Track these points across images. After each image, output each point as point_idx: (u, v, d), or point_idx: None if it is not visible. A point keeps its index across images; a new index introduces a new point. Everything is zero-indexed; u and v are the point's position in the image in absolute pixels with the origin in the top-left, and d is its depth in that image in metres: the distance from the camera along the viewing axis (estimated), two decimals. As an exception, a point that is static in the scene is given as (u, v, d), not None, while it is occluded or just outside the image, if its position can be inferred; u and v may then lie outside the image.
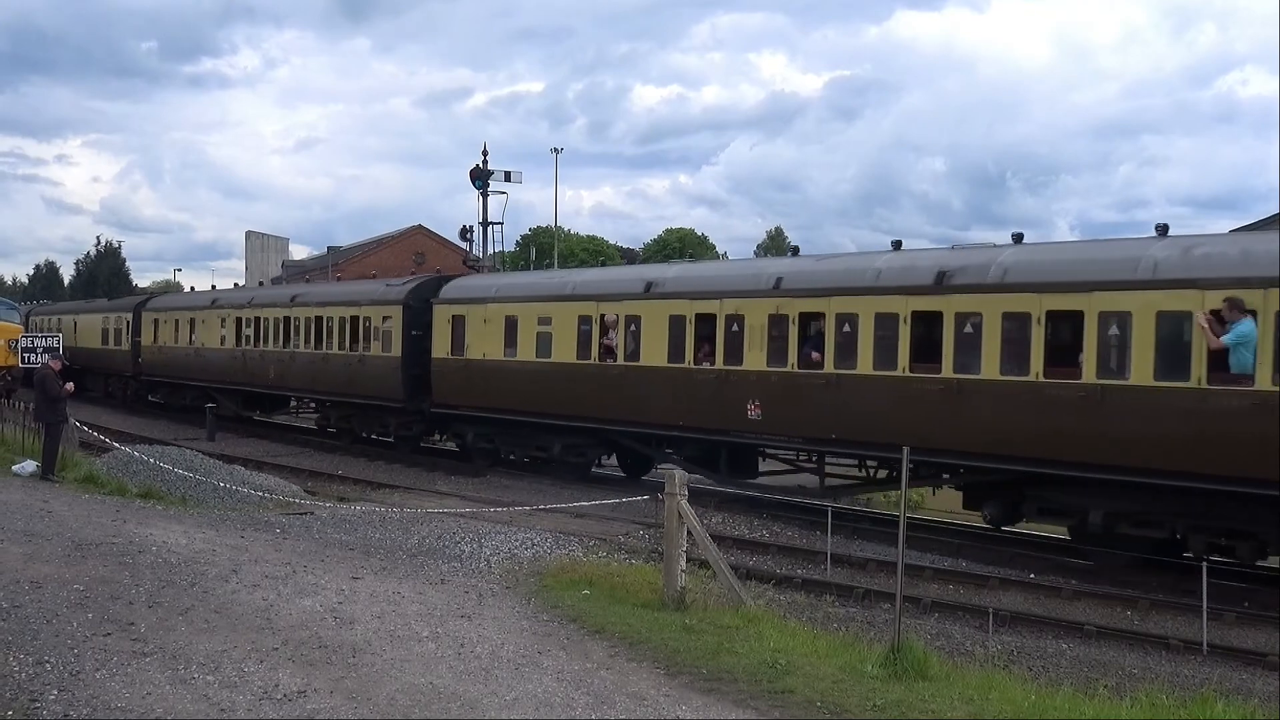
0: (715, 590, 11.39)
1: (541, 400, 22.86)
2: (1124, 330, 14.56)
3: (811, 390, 18.11)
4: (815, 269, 19.17)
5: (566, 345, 22.38)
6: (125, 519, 14.18)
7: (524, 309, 23.61)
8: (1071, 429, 14.96)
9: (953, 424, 16.23)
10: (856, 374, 17.44)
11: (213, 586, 10.36)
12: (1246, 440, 13.32)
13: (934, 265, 16.97)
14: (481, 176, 38.53)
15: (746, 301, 19.15)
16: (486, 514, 17.29)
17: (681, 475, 10.84)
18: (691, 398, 19.95)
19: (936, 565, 16.09)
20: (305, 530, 14.80)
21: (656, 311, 20.71)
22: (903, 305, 16.91)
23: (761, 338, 18.89)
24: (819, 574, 15.59)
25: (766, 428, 18.93)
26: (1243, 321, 13.50)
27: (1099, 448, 14.72)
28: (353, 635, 8.84)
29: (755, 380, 18.89)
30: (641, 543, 16.31)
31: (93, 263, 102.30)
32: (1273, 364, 13.24)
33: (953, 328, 16.30)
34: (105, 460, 20.28)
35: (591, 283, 23.19)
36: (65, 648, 8.09)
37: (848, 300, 17.67)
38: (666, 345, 20.44)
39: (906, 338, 16.83)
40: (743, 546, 17.11)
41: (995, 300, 15.85)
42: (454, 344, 25.04)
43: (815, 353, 18.18)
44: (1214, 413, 13.73)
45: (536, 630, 9.40)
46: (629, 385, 21.15)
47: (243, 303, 34.21)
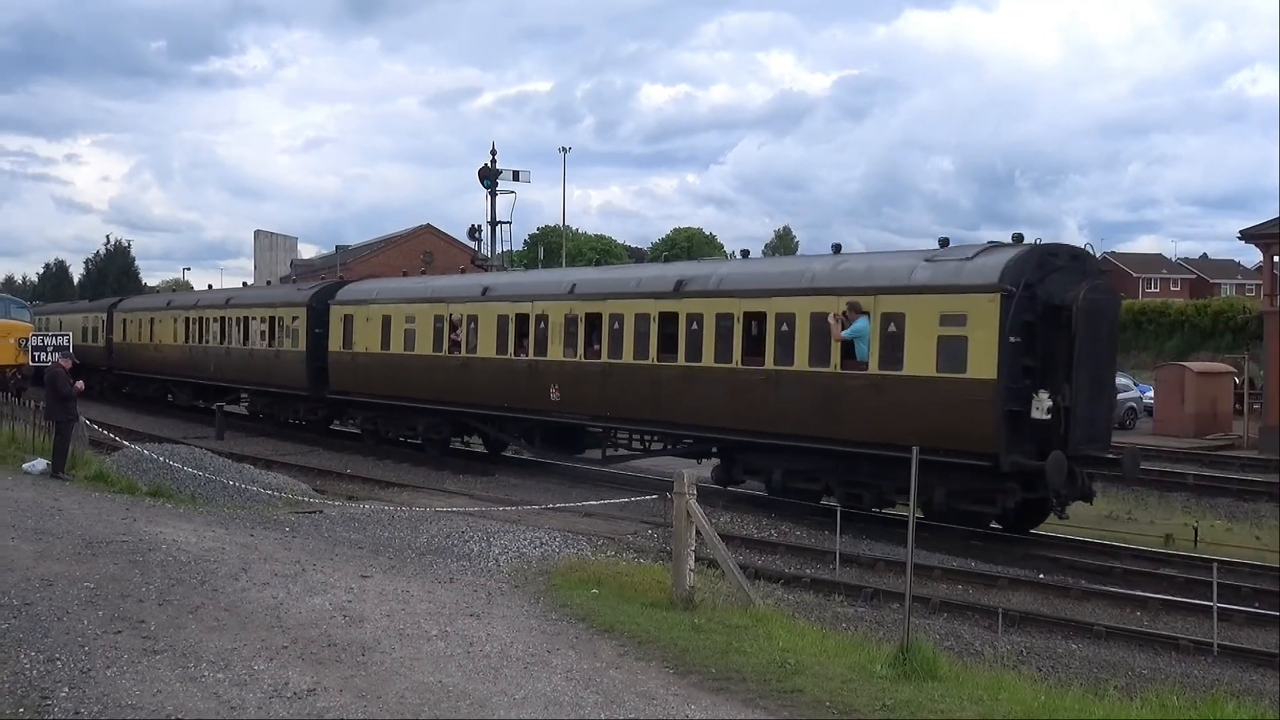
0: (724, 589, 11.39)
1: (409, 387, 26.77)
2: (791, 327, 18.33)
3: (593, 376, 21.86)
4: (598, 278, 23.80)
5: (426, 340, 26.25)
6: (135, 517, 14.23)
7: (395, 309, 27.54)
8: (760, 406, 18.76)
9: (686, 403, 20.00)
10: (621, 363, 21.23)
11: (222, 585, 10.40)
12: (864, 412, 17.20)
13: (676, 276, 21.03)
14: (490, 176, 38.59)
15: (550, 304, 23.02)
16: (495, 513, 17.31)
17: (690, 475, 10.84)
18: (512, 384, 23.70)
19: (945, 565, 16.06)
20: (314, 529, 14.84)
21: (489, 312, 24.57)
22: (653, 307, 20.70)
23: (560, 334, 22.68)
24: (828, 573, 15.57)
25: (564, 407, 22.57)
26: (859, 320, 17.27)
27: (777, 420, 18.53)
28: (362, 634, 8.86)
29: (555, 368, 22.72)
30: (650, 542, 16.33)
31: (102, 262, 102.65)
32: (879, 352, 17.03)
33: (684, 325, 20.05)
34: (115, 458, 20.32)
35: (444, 288, 27.28)
36: (76, 645, 8.13)
37: (617, 303, 21.52)
38: (495, 340, 24.29)
39: (655, 334, 20.57)
40: (751, 546, 17.10)
41: (711, 304, 19.72)
42: (345, 340, 28.94)
43: (596, 345, 21.88)
44: (844, 390, 17.60)
45: (545, 629, 9.41)
46: (470, 374, 24.95)
47: (191, 304, 38.45)
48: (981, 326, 15.92)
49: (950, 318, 16.29)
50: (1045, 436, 16.05)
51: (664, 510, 16.06)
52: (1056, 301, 16.09)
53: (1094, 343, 16.24)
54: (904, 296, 16.91)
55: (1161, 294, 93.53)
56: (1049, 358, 16.15)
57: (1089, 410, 16.36)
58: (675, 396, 20.15)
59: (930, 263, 17.12)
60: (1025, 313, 15.95)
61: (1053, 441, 15.99)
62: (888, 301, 17.07)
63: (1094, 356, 16.32)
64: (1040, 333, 16.13)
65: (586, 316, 22.12)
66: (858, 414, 17.24)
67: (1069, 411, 16.03)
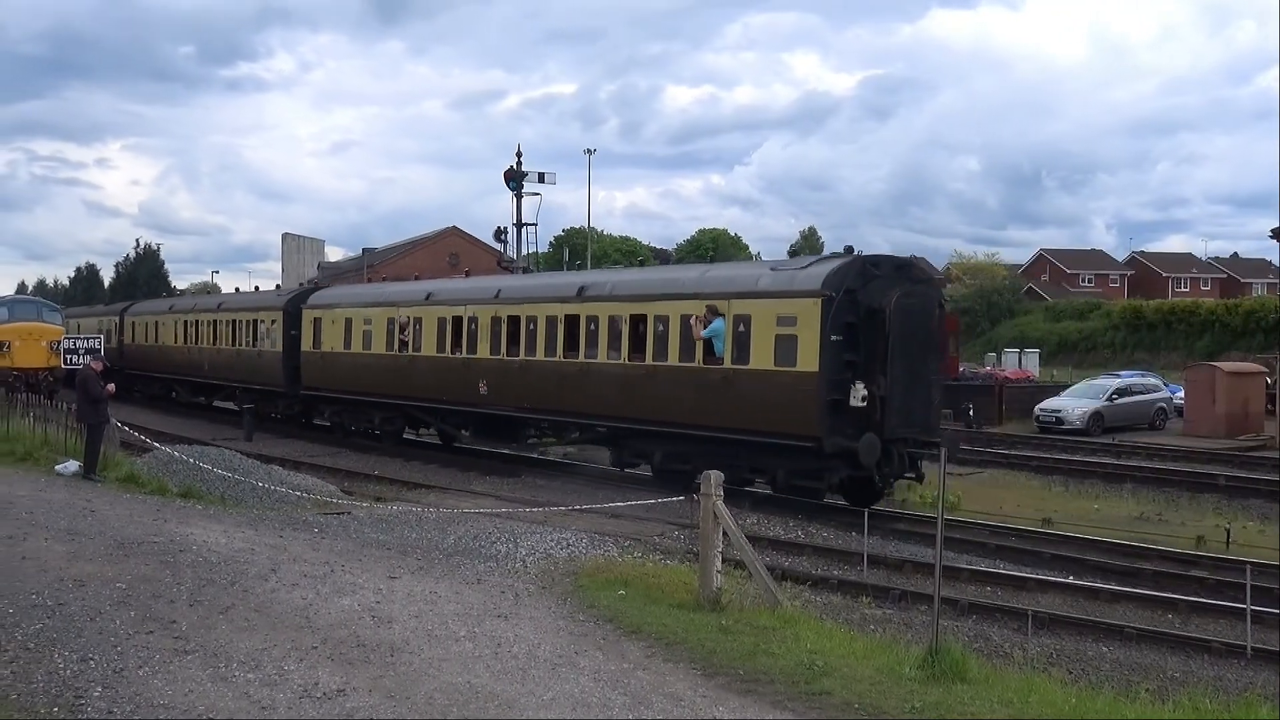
0: (751, 591, 11.36)
1: (366, 383, 29.48)
2: (666, 328, 20.77)
3: (514, 372, 24.41)
4: (519, 284, 26.69)
5: (380, 341, 29.03)
6: (166, 518, 14.34)
7: (355, 313, 30.44)
8: (642, 397, 21.17)
9: (586, 395, 22.38)
10: (536, 360, 23.75)
11: (252, 585, 10.46)
12: (721, 401, 19.58)
13: (579, 283, 23.87)
14: (515, 178, 38.66)
15: (480, 308, 25.67)
16: (522, 514, 17.34)
17: (717, 476, 10.83)
18: (450, 379, 26.28)
19: (974, 567, 15.99)
20: (343, 530, 14.91)
21: (431, 315, 27.22)
22: (560, 310, 23.25)
23: (488, 334, 25.20)
24: (855, 575, 15.53)
25: (491, 400, 25.17)
26: (716, 321, 19.63)
27: (656, 409, 20.82)
28: (391, 634, 8.90)
29: (484, 365, 25.30)
30: (677, 543, 16.32)
31: (132, 265, 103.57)
32: (732, 349, 19.41)
33: (584, 327, 22.51)
34: (146, 460, 20.52)
35: (394, 293, 30.43)
36: (109, 645, 8.20)
37: (533, 307, 24.16)
38: (436, 340, 26.84)
39: (561, 334, 23.06)
40: (778, 547, 17.07)
41: (605, 307, 22.25)
42: (314, 340, 31.81)
43: (516, 344, 24.42)
44: (706, 383, 19.92)
45: (573, 630, 9.42)
46: (415, 371, 27.61)
47: (189, 308, 41.68)
48: (807, 327, 18.33)
49: (784, 319, 18.74)
50: (864, 421, 18.22)
51: (690, 511, 16.07)
52: (875, 305, 18.35)
53: (908, 341, 18.47)
54: (751, 301, 19.43)
55: (1192, 294, 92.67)
56: (869, 353, 18.39)
57: (905, 399, 18.55)
58: (577, 389, 22.76)
59: (774, 271, 19.94)
60: (847, 314, 18.33)
61: (870, 426, 18.17)
62: (739, 305, 19.57)
63: (909, 352, 18.52)
64: (862, 332, 18.40)
65: (509, 319, 24.82)
66: (717, 403, 19.76)
67: (885, 400, 18.27)
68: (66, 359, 29.53)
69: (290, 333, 32.92)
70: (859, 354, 18.38)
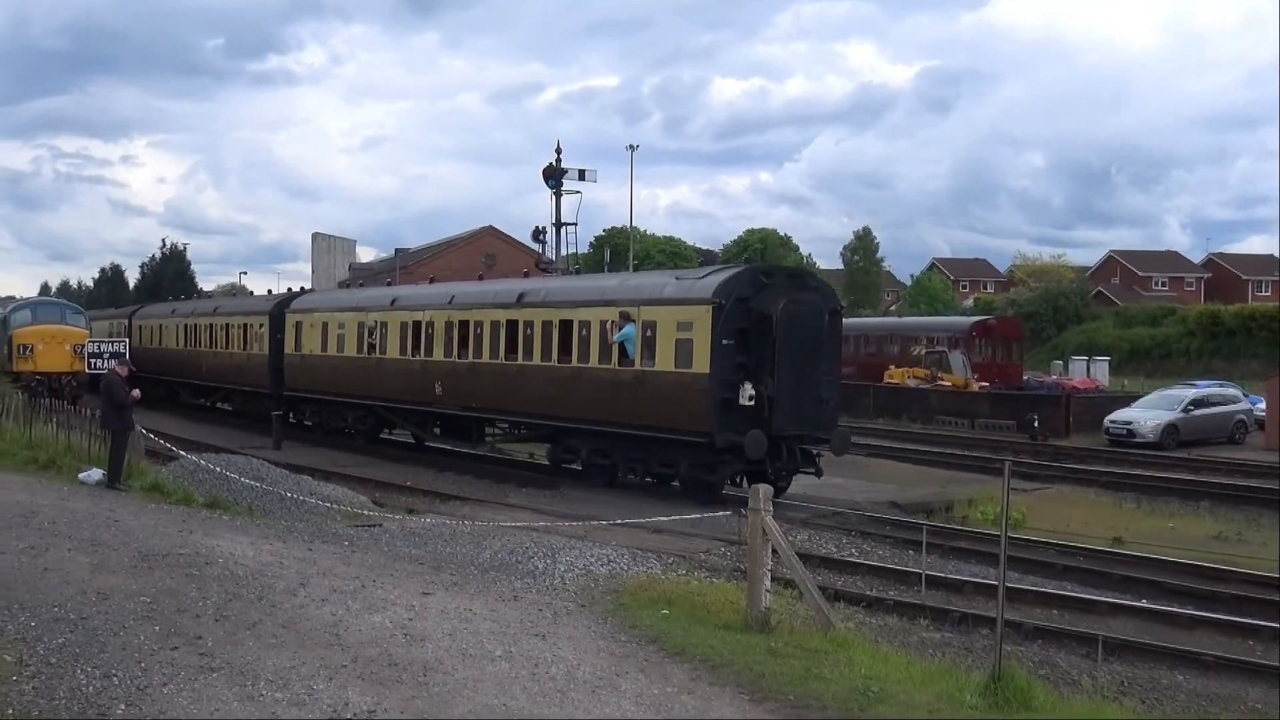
0: (802, 611, 11.33)
1: (341, 385, 32.26)
2: (589, 333, 23.04)
3: (464, 373, 27.03)
4: (470, 290, 29.12)
5: (352, 344, 31.81)
6: (192, 529, 14.52)
7: (331, 317, 33.35)
8: (570, 396, 23.58)
9: (525, 395, 25.01)
10: (483, 362, 26.38)
11: (280, 600, 10.56)
12: (633, 401, 21.91)
13: (519, 290, 26.45)
14: (554, 175, 38.75)
15: (436, 312, 28.41)
16: (560, 528, 17.37)
17: (766, 490, 10.80)
18: (410, 381, 28.90)
19: (1040, 588, 15.83)
20: (374, 543, 15.02)
21: (395, 319, 30.04)
22: (503, 315, 25.89)
23: (442, 338, 27.93)
24: (913, 596, 15.42)
25: (446, 400, 27.74)
26: (628, 326, 21.98)
27: (582, 408, 23.23)
28: (424, 653, 8.94)
29: (439, 367, 27.92)
30: (723, 560, 16.29)
31: (158, 266, 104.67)
32: (641, 352, 21.71)
33: (522, 331, 25.15)
34: (171, 469, 20.75)
35: (365, 299, 33.81)
36: (132, 661, 8.31)
37: (480, 312, 26.77)
38: (399, 343, 29.60)
39: (504, 337, 25.71)
40: (830, 566, 16.99)
41: (539, 313, 24.80)
42: (295, 344, 34.73)
43: (466, 347, 27.01)
44: (620, 384, 22.28)
45: (614, 651, 9.42)
46: (382, 373, 30.32)
47: (189, 312, 45.26)
48: (701, 331, 20.71)
49: (683, 324, 21.12)
50: (754, 419, 20.30)
51: (738, 527, 16.04)
52: (765, 311, 20.59)
53: (796, 344, 20.70)
54: (657, 307, 21.86)
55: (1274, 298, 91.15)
56: (759, 356, 20.57)
57: (793, 398, 20.71)
58: (517, 390, 25.35)
59: (678, 280, 22.53)
60: (739, 320, 20.56)
61: (759, 423, 20.25)
62: (647, 311, 21.95)
63: (797, 355, 20.74)
64: (753, 336, 20.62)
65: (460, 323, 27.48)
66: (630, 402, 22.09)
67: (772, 399, 20.42)
68: (91, 363, 30.08)
69: (275, 336, 35.90)
70: (750, 357, 20.64)
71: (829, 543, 18.67)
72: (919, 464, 31.32)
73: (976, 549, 18.23)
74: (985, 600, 14.99)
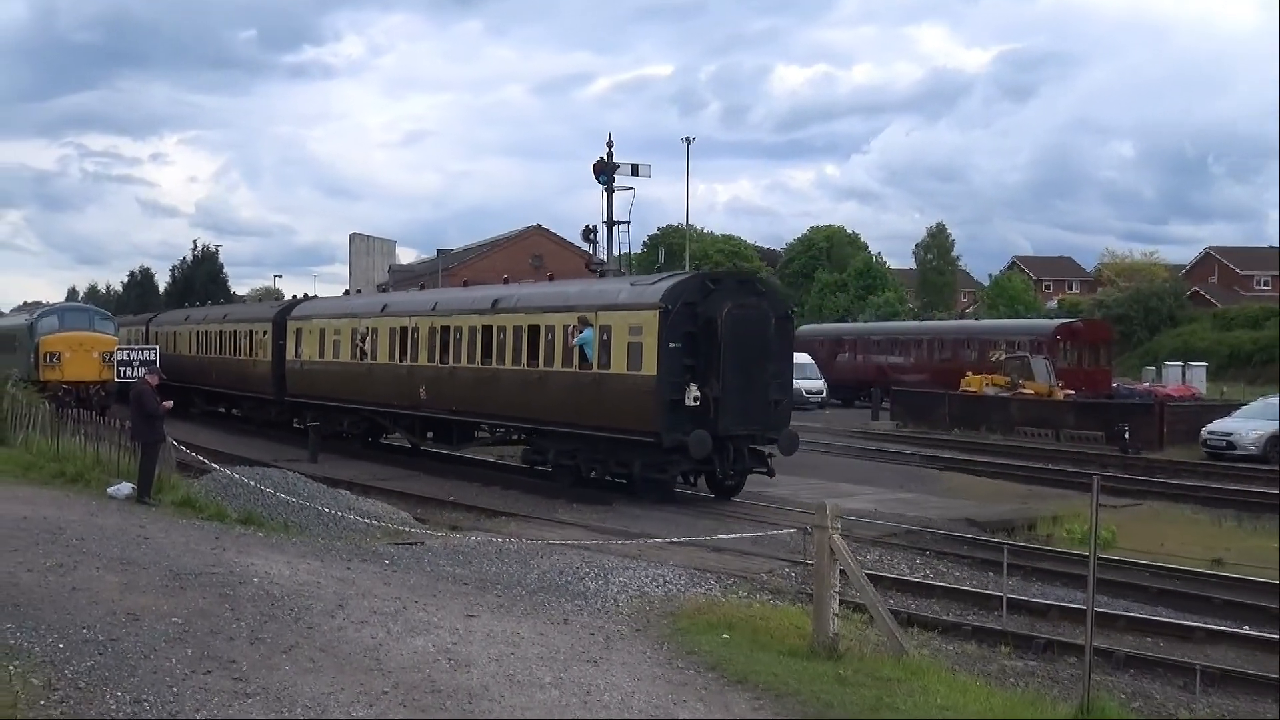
0: (872, 637, 11.26)
1: (336, 390, 34.98)
2: (554, 337, 25.34)
3: (445, 377, 29.44)
4: (451, 297, 32.00)
5: (346, 350, 34.52)
6: (225, 546, 14.71)
7: (328, 324, 36.16)
8: (538, 399, 25.82)
9: (500, 398, 27.37)
10: (462, 366, 28.83)
11: (318, 622, 10.67)
12: (592, 402, 23.98)
13: (494, 296, 28.87)
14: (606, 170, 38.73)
15: (422, 318, 30.97)
16: (613, 546, 17.38)
17: (834, 507, 10.75)
18: (398, 385, 31.41)
19: (1132, 613, 15.61)
20: (415, 562, 15.12)
21: (385, 325, 32.67)
22: (479, 321, 28.32)
23: (426, 343, 30.40)
24: (993, 621, 15.26)
25: (429, 404, 30.18)
26: (586, 330, 24.12)
27: (549, 410, 25.46)
28: (468, 679, 8.99)
29: (423, 371, 30.35)
30: (788, 582, 16.23)
31: (189, 269, 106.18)
32: (598, 356, 23.87)
33: (496, 336, 27.50)
34: (203, 483, 21.03)
35: (358, 305, 37.08)
36: (164, 685, 8.43)
37: (460, 318, 29.23)
38: (388, 349, 32.24)
39: (480, 342, 28.04)
40: (903, 588, 16.88)
41: (511, 318, 27.17)
42: (295, 350, 37.59)
43: (447, 352, 29.48)
44: (581, 386, 24.48)
45: (671, 678, 9.41)
46: (373, 378, 32.96)
47: (201, 319, 48.48)
48: (649, 335, 22.69)
49: (634, 328, 23.12)
50: (700, 419, 22.24)
51: (803, 546, 15.96)
52: (711, 316, 22.53)
53: (742, 347, 22.61)
54: (612, 312, 23.92)
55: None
56: (706, 359, 22.52)
57: (739, 399, 22.59)
58: (492, 393, 27.70)
59: (632, 286, 24.67)
60: (687, 324, 22.58)
61: (705, 424, 22.13)
62: (604, 316, 24.01)
63: (743, 358, 22.64)
64: (700, 340, 22.58)
65: (442, 329, 29.89)
66: (590, 404, 24.13)
67: (718, 400, 22.30)
68: (120, 371, 30.61)
69: (278, 343, 38.78)
70: (698, 359, 22.63)
71: (901, 563, 18.55)
72: (998, 478, 31.01)
73: (1062, 570, 18.04)
74: (1072, 626, 14.87)
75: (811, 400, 57.37)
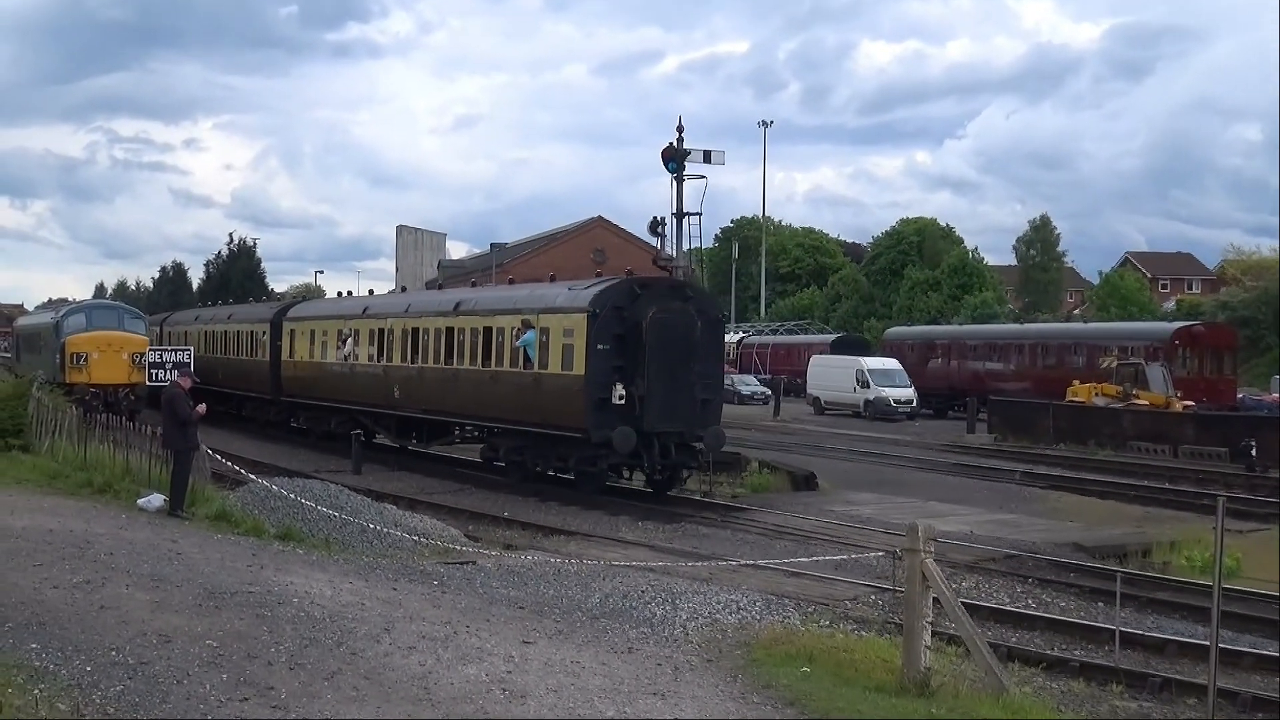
0: (969, 672, 11.17)
1: (325, 390, 39.30)
2: (503, 338, 29.18)
3: (414, 377, 33.45)
4: (421, 300, 37.69)
5: (333, 351, 38.69)
6: (263, 564, 14.91)
7: (317, 325, 40.65)
8: (490, 398, 29.73)
9: (460, 397, 31.17)
10: (428, 366, 32.86)
11: (362, 647, 10.77)
12: (535, 400, 27.73)
13: (457, 299, 33.32)
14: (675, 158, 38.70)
15: (396, 320, 35.08)
16: (682, 569, 17.39)
17: (927, 528, 10.68)
18: (376, 385, 35.48)
19: (1260, 650, 15.35)
20: (467, 583, 15.22)
21: (365, 327, 36.85)
22: (443, 323, 32.36)
23: (399, 344, 34.43)
24: (1103, 657, 15.10)
25: (402, 403, 34.04)
26: (529, 332, 27.94)
27: (502, 409, 29.38)
28: (524, 711, 9.04)
29: (396, 372, 34.45)
30: (874, 610, 16.20)
31: (224, 264, 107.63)
32: (539, 356, 27.56)
33: (456, 337, 31.49)
34: (239, 494, 21.30)
35: (344, 307, 41.83)
36: (197, 713, 8.56)
37: (427, 320, 33.36)
38: (368, 350, 36.31)
39: (444, 343, 32.00)
40: (1003, 619, 16.75)
41: (469, 320, 31.15)
42: (290, 351, 41.95)
43: (417, 353, 33.39)
44: (525, 385, 28.34)
45: (745, 715, 9.41)
46: (355, 378, 37.03)
47: (209, 319, 53.20)
48: (579, 337, 26.36)
49: (568, 331, 26.82)
50: (626, 417, 25.56)
51: (892, 571, 15.86)
52: (637, 319, 25.95)
53: (667, 349, 25.96)
54: (551, 315, 27.70)
55: None
56: (635, 360, 25.90)
57: (664, 398, 25.85)
58: (453, 392, 31.44)
59: (569, 291, 28.11)
60: (616, 327, 26.11)
61: (631, 421, 25.48)
62: (544, 319, 27.80)
63: (668, 359, 25.97)
64: (628, 342, 26.02)
65: (413, 330, 33.86)
66: (533, 402, 27.88)
67: (643, 399, 25.64)
68: (151, 374, 31.04)
69: (275, 343, 42.82)
70: (627, 360, 26.01)
71: (1000, 591, 18.42)
72: (1109, 499, 30.69)
73: (1181, 602, 17.82)
74: (1193, 664, 14.68)
75: (900, 410, 57.14)
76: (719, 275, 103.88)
